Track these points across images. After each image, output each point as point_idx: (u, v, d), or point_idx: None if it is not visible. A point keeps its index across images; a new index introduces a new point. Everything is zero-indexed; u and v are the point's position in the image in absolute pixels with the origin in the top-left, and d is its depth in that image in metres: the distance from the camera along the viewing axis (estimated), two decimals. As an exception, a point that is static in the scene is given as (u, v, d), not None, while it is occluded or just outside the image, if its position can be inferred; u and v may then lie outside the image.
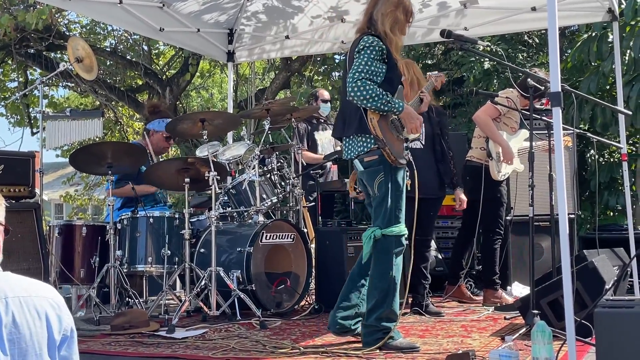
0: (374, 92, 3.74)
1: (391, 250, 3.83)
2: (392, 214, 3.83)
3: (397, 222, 3.83)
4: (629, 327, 2.73)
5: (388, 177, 3.82)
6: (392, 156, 3.78)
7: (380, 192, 3.85)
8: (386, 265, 3.83)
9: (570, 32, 9.20)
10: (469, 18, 6.63)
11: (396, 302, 3.87)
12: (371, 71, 3.77)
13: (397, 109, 3.82)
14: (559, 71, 3.14)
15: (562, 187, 3.10)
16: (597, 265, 4.04)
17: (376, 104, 3.75)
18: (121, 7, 6.01)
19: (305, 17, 7.04)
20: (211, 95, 17.82)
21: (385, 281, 3.82)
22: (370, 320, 3.83)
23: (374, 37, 3.86)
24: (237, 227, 5.45)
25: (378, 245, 3.84)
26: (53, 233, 5.20)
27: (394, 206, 3.83)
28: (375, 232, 3.84)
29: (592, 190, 7.39)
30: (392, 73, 3.87)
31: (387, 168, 3.82)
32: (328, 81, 12.08)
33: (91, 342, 4.28)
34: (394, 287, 3.84)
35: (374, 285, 3.86)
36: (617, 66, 5.95)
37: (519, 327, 4.23)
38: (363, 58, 3.80)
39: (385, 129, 3.82)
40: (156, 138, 5.91)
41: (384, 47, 3.84)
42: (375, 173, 3.85)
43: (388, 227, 3.82)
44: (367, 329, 3.86)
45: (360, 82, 3.74)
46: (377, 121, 3.79)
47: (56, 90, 13.79)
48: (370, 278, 3.90)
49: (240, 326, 4.62)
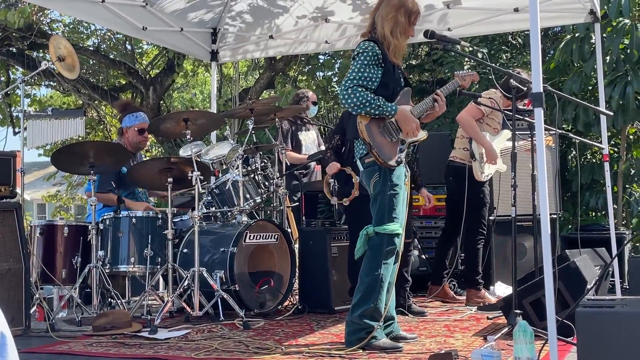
0: (364, 99, 3.79)
1: (382, 247, 3.85)
2: (385, 213, 3.85)
3: (390, 220, 3.85)
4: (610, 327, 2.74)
5: (382, 177, 3.87)
6: (380, 159, 3.84)
7: (374, 191, 3.91)
8: (375, 262, 3.85)
9: (553, 33, 9.25)
10: (453, 19, 6.66)
11: (382, 301, 3.87)
12: (364, 77, 3.82)
13: (390, 112, 3.85)
14: (540, 72, 3.15)
15: (544, 187, 3.12)
16: (579, 265, 4.07)
17: (366, 110, 3.81)
18: (103, 6, 5.98)
19: (291, 17, 7.03)
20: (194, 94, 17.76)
21: (372, 277, 3.84)
22: (354, 316, 3.84)
23: (369, 42, 3.89)
24: (221, 227, 5.43)
25: (370, 242, 3.89)
26: (34, 233, 5.15)
27: (388, 205, 3.85)
28: (368, 228, 3.89)
29: (574, 190, 7.43)
30: (387, 77, 3.90)
31: (382, 168, 3.88)
32: (312, 81, 12.07)
33: (73, 343, 4.26)
34: (381, 285, 3.84)
35: (362, 280, 3.89)
36: (599, 67, 6.00)
37: (502, 326, 4.24)
38: (356, 65, 3.86)
39: (375, 132, 3.87)
40: (130, 134, 5.84)
41: (379, 52, 3.86)
42: (372, 173, 3.91)
43: (381, 225, 3.85)
44: (350, 327, 3.87)
45: (350, 89, 3.80)
46: (364, 125, 3.86)
47: (39, 89, 13.69)
48: (360, 274, 3.92)
49: (223, 327, 4.61)
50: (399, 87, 4.01)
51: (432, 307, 5.50)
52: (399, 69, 4.07)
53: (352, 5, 6.79)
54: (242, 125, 9.69)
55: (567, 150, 7.68)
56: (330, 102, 12.12)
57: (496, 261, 6.04)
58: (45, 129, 5.89)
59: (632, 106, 6.90)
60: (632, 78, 6.89)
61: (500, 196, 5.91)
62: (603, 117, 5.88)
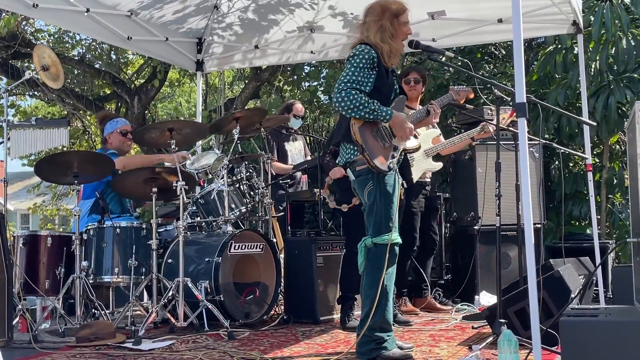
0: (358, 101, 3.75)
1: (382, 258, 3.80)
2: (382, 223, 3.82)
3: (387, 230, 3.81)
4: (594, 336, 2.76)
5: (376, 185, 3.84)
6: (372, 162, 3.80)
7: (369, 201, 3.87)
8: (377, 274, 3.80)
9: (537, 44, 9.32)
10: (437, 29, 6.70)
11: (389, 312, 3.85)
12: (357, 80, 3.79)
13: (384, 117, 3.82)
14: (523, 82, 3.17)
15: (528, 197, 3.14)
16: (563, 274, 4.09)
17: (360, 113, 3.77)
18: (88, 16, 5.97)
19: (280, 30, 7.06)
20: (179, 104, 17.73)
21: (376, 290, 3.79)
22: (364, 329, 3.81)
23: (365, 45, 3.87)
24: (206, 237, 5.41)
25: (369, 254, 3.84)
26: (17, 243, 5.11)
27: (384, 215, 3.82)
28: (366, 240, 3.85)
29: (557, 200, 7.48)
30: (380, 82, 3.88)
31: (375, 176, 3.84)
32: (297, 91, 12.08)
33: (56, 354, 4.22)
34: (386, 296, 3.81)
35: (366, 294, 3.85)
36: (582, 77, 6.05)
37: (486, 336, 4.26)
38: (350, 67, 3.83)
39: (368, 136, 3.84)
40: (114, 138, 5.80)
41: (375, 55, 3.84)
42: (365, 182, 3.87)
43: (379, 236, 3.82)
44: (360, 339, 3.83)
45: (344, 92, 3.76)
46: (358, 127, 3.83)
47: (23, 99, 13.61)
48: (363, 287, 3.89)
49: (208, 337, 4.59)
50: (392, 93, 4.00)
51: (417, 317, 5.50)
52: (394, 75, 4.06)
53: (342, 21, 6.82)
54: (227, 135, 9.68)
55: (549, 161, 7.72)
56: (315, 112, 12.13)
57: (481, 271, 6.05)
58: (29, 138, 5.86)
59: (614, 117, 6.97)
60: (614, 89, 6.96)
61: (485, 206, 5.94)
62: (586, 127, 5.93)
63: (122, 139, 5.82)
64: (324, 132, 12.01)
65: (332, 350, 4.17)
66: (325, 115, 12.07)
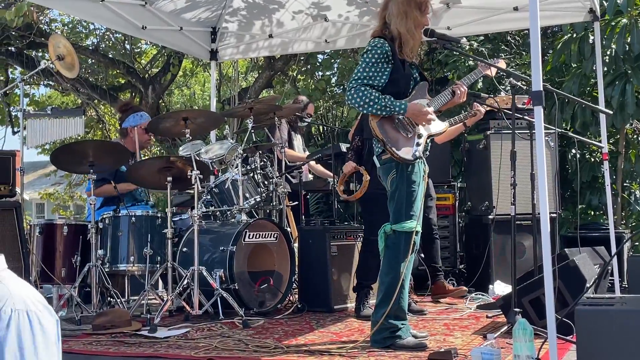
0: (369, 98, 3.75)
1: (400, 246, 3.81)
2: (402, 210, 3.82)
3: (407, 218, 3.82)
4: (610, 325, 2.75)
5: (399, 174, 3.84)
6: (397, 154, 3.80)
7: (392, 188, 3.88)
8: (395, 261, 3.81)
9: (552, 32, 9.25)
10: (452, 18, 6.65)
11: (404, 300, 3.85)
12: (370, 76, 3.79)
13: (397, 111, 3.81)
14: (540, 70, 3.15)
15: (544, 186, 3.12)
16: (578, 263, 4.07)
17: (373, 109, 3.77)
18: (103, 5, 5.97)
19: (287, 12, 7.03)
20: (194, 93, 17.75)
21: (392, 276, 3.80)
22: (378, 315, 3.82)
23: (379, 39, 3.85)
24: (220, 226, 5.43)
25: (388, 240, 3.86)
26: (34, 232, 5.16)
27: (405, 203, 3.82)
28: (386, 227, 3.86)
29: (574, 189, 7.44)
30: (397, 74, 3.86)
31: (398, 165, 3.84)
32: (311, 80, 12.07)
33: (72, 342, 4.25)
34: (402, 284, 3.80)
35: (382, 280, 3.86)
36: (598, 66, 6.00)
37: (501, 325, 4.25)
38: (362, 63, 3.83)
39: (388, 128, 3.83)
40: (137, 133, 5.82)
41: (388, 49, 3.82)
42: (389, 170, 3.88)
43: (398, 223, 3.83)
44: (375, 327, 3.84)
45: (354, 89, 3.77)
46: (376, 123, 3.83)
47: (37, 88, 13.68)
48: (380, 273, 3.90)
49: (222, 325, 4.61)
50: (412, 83, 3.97)
51: (432, 306, 5.50)
52: (413, 64, 4.02)
53: (355, 5, 6.80)
54: (241, 124, 9.69)
55: (566, 150, 7.68)
56: (329, 102, 12.12)
57: (495, 260, 6.05)
58: (44, 128, 5.89)
59: (632, 104, 6.90)
60: (631, 76, 6.89)
61: (500, 195, 5.92)
62: (602, 115, 5.88)
63: (145, 136, 5.85)
64: (337, 122, 12.00)
65: (346, 338, 4.18)
66: (339, 105, 12.06)
